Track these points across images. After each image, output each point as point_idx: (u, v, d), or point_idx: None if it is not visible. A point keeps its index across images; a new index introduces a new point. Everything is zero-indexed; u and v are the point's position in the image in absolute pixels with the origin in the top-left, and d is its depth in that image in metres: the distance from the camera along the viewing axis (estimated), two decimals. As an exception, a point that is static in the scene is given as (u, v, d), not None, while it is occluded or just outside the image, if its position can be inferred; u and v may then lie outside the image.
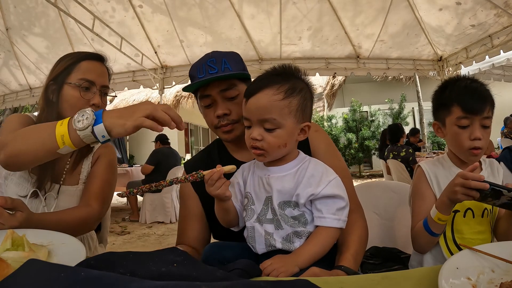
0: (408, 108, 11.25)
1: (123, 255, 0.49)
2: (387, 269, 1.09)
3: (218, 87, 0.95)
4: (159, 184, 0.78)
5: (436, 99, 1.06)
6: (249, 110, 0.80)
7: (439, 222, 0.88)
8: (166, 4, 4.97)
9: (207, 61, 0.96)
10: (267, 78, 0.83)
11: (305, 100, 0.82)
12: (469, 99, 0.94)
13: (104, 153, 1.17)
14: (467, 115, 0.94)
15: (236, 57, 1.02)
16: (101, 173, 1.13)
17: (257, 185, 0.83)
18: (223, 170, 0.76)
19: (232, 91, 0.96)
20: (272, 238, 0.79)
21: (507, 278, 0.50)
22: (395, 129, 4.85)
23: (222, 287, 0.41)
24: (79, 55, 1.12)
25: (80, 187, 1.13)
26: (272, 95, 0.78)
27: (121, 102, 11.11)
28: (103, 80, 1.12)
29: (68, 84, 1.07)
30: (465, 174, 0.80)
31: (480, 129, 0.94)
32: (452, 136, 0.98)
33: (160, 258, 0.49)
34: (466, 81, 0.99)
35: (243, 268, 0.61)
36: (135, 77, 6.40)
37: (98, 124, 0.76)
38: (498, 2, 4.14)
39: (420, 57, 6.01)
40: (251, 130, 0.80)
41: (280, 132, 0.79)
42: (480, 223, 0.96)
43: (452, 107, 0.97)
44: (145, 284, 0.39)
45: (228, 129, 0.97)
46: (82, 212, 1.02)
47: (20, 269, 0.39)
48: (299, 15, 5.10)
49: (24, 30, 5.30)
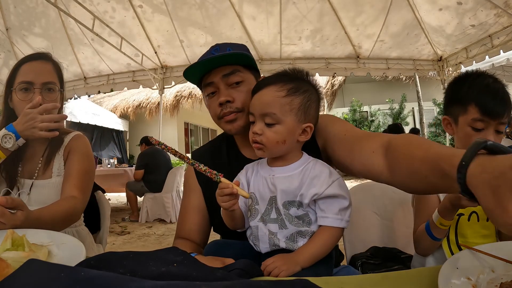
0: (408, 108, 11.26)
1: (123, 255, 0.49)
2: (387, 269, 1.09)
3: (221, 72, 0.92)
4: (183, 157, 0.79)
5: (451, 92, 0.98)
6: (253, 104, 0.83)
7: (441, 227, 0.85)
8: (166, 4, 4.98)
9: (212, 50, 0.96)
10: (274, 76, 0.85)
11: (309, 101, 0.83)
12: (490, 101, 0.87)
13: (75, 146, 1.21)
14: (484, 118, 0.87)
15: (242, 46, 1.01)
16: (77, 165, 1.16)
17: (261, 185, 0.84)
18: (238, 192, 0.75)
19: (235, 76, 0.92)
20: (276, 237, 0.79)
21: (507, 278, 0.50)
22: (395, 130, 4.85)
23: (222, 287, 0.41)
24: (21, 60, 1.18)
25: (53, 180, 1.15)
26: (275, 91, 0.81)
27: (121, 102, 11.12)
28: (44, 77, 1.14)
29: (13, 91, 1.13)
30: None
31: (494, 134, 0.88)
32: (463, 136, 0.92)
33: (160, 258, 0.49)
34: (488, 80, 0.91)
35: (243, 268, 0.61)
36: (135, 77, 6.41)
37: (19, 139, 1.01)
38: (498, 2, 4.14)
39: (420, 57, 6.01)
40: (254, 125, 0.82)
41: (279, 127, 0.80)
42: (485, 227, 0.93)
43: (469, 106, 0.90)
44: (145, 284, 0.39)
45: (231, 118, 0.92)
46: (69, 203, 1.05)
47: (20, 269, 0.39)
48: (299, 15, 5.10)
49: (24, 30, 5.30)
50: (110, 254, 0.49)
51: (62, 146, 1.20)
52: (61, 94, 1.20)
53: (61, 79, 1.21)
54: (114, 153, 10.50)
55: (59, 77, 1.20)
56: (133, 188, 4.93)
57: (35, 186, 1.13)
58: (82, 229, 1.28)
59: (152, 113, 10.54)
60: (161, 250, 0.52)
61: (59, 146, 1.20)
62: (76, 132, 1.27)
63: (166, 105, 10.19)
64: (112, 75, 6.51)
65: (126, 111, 10.83)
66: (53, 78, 1.16)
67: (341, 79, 11.22)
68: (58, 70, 1.21)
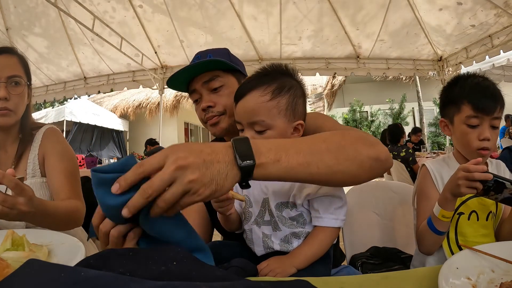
0: (408, 108, 11.26)
1: (122, 253, 0.49)
2: (387, 269, 1.09)
3: (201, 79, 0.96)
4: None
5: (445, 95, 1.02)
6: (238, 113, 0.80)
7: (443, 219, 0.85)
8: (166, 4, 4.98)
9: (194, 58, 1.00)
10: (255, 79, 0.81)
11: (295, 98, 0.80)
12: (481, 97, 0.91)
13: (51, 148, 1.15)
14: (478, 114, 0.90)
15: (222, 50, 1.03)
16: (59, 167, 1.11)
17: (254, 188, 0.82)
18: (233, 196, 0.75)
19: (214, 82, 0.96)
20: (270, 240, 0.78)
21: (507, 278, 0.50)
22: (395, 130, 4.84)
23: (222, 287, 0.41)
24: None
25: (28, 181, 1.11)
26: (258, 96, 0.77)
27: (121, 102, 11.14)
28: (7, 71, 1.09)
29: None
30: (466, 167, 0.79)
31: (489, 129, 0.91)
32: (460, 135, 0.95)
33: (160, 256, 0.49)
34: (478, 79, 0.96)
35: (239, 266, 0.61)
36: (135, 77, 6.42)
37: None
38: (498, 2, 4.14)
39: (420, 57, 6.02)
40: (243, 133, 0.80)
41: (270, 133, 0.78)
42: (485, 226, 0.94)
43: (462, 105, 0.93)
44: (145, 285, 0.39)
45: (214, 121, 0.97)
46: (71, 203, 1.03)
47: (20, 269, 0.39)
48: (299, 15, 5.11)
49: (24, 30, 5.31)
50: (110, 252, 0.49)
51: (35, 143, 1.15)
52: (28, 88, 1.15)
53: (27, 73, 1.15)
54: (114, 153, 10.51)
55: (26, 70, 1.15)
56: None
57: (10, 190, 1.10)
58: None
59: (152, 113, 10.55)
60: (161, 246, 0.52)
61: (30, 142, 1.14)
62: (47, 126, 1.21)
63: (166, 105, 10.20)
64: (112, 75, 6.52)
65: (126, 111, 10.84)
66: (19, 72, 1.11)
67: (341, 79, 11.23)
68: (25, 64, 1.15)
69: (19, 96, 1.08)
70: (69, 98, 7.88)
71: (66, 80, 6.65)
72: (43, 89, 6.76)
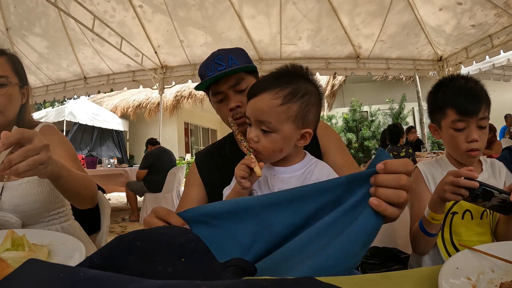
0: (408, 108, 11.24)
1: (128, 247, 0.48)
2: (387, 269, 1.09)
3: (228, 83, 1.00)
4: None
5: (431, 101, 1.03)
6: (249, 109, 0.81)
7: (433, 221, 0.86)
8: (166, 4, 4.98)
9: (215, 59, 1.01)
10: (269, 80, 0.81)
11: (308, 106, 0.79)
12: (464, 100, 0.91)
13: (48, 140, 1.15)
14: (463, 117, 0.91)
15: (241, 52, 1.07)
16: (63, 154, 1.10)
17: (262, 183, 0.83)
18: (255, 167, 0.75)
19: (241, 85, 1.01)
20: None
21: (507, 278, 0.50)
22: (394, 130, 4.84)
23: (223, 286, 0.41)
24: None
25: (26, 180, 1.08)
26: (270, 99, 0.77)
27: (121, 102, 11.13)
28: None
29: None
30: (456, 172, 0.79)
31: (477, 130, 0.91)
32: (448, 138, 0.96)
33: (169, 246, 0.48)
34: (460, 81, 0.95)
35: (237, 265, 0.61)
36: (135, 77, 6.41)
37: None
38: (498, 2, 4.14)
39: (420, 57, 6.01)
40: (250, 129, 0.81)
41: (275, 136, 0.77)
42: (479, 225, 0.94)
43: (447, 110, 0.94)
44: (144, 284, 0.39)
45: (241, 121, 0.99)
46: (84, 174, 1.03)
47: (19, 269, 0.39)
48: (299, 15, 5.11)
49: (24, 30, 5.30)
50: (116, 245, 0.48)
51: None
52: (25, 89, 1.13)
53: (19, 73, 1.12)
54: (114, 153, 10.51)
55: (16, 70, 1.12)
56: (133, 188, 4.93)
57: (7, 188, 1.05)
58: (72, 223, 1.23)
59: (152, 113, 10.55)
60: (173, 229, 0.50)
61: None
62: (43, 123, 1.20)
63: (166, 105, 10.19)
64: (112, 75, 6.52)
65: (126, 111, 10.83)
66: (5, 72, 1.08)
67: (341, 79, 11.22)
68: (15, 64, 1.13)
69: (5, 97, 1.05)
70: (69, 98, 7.88)
71: (66, 80, 6.65)
72: (43, 89, 6.75)
